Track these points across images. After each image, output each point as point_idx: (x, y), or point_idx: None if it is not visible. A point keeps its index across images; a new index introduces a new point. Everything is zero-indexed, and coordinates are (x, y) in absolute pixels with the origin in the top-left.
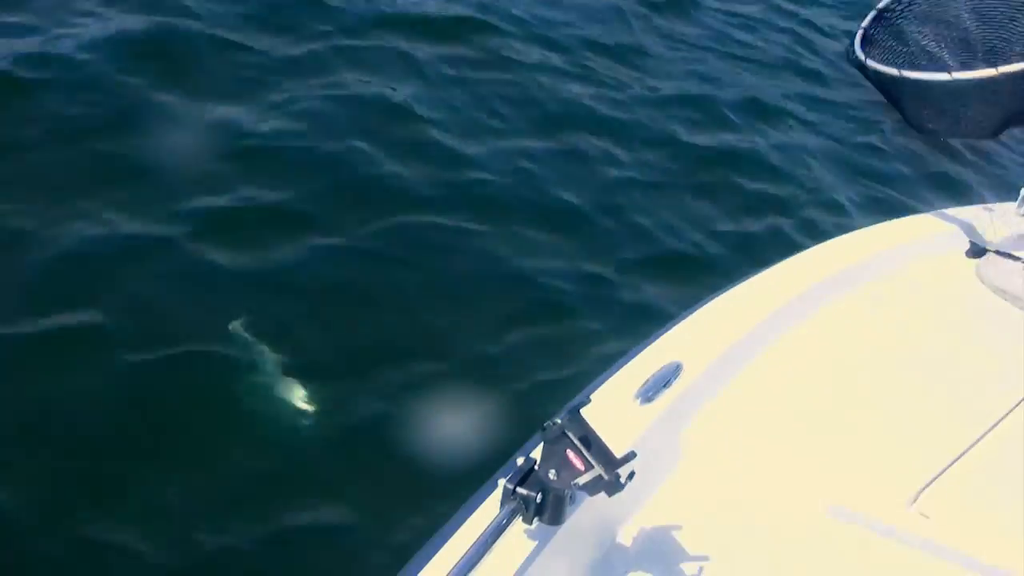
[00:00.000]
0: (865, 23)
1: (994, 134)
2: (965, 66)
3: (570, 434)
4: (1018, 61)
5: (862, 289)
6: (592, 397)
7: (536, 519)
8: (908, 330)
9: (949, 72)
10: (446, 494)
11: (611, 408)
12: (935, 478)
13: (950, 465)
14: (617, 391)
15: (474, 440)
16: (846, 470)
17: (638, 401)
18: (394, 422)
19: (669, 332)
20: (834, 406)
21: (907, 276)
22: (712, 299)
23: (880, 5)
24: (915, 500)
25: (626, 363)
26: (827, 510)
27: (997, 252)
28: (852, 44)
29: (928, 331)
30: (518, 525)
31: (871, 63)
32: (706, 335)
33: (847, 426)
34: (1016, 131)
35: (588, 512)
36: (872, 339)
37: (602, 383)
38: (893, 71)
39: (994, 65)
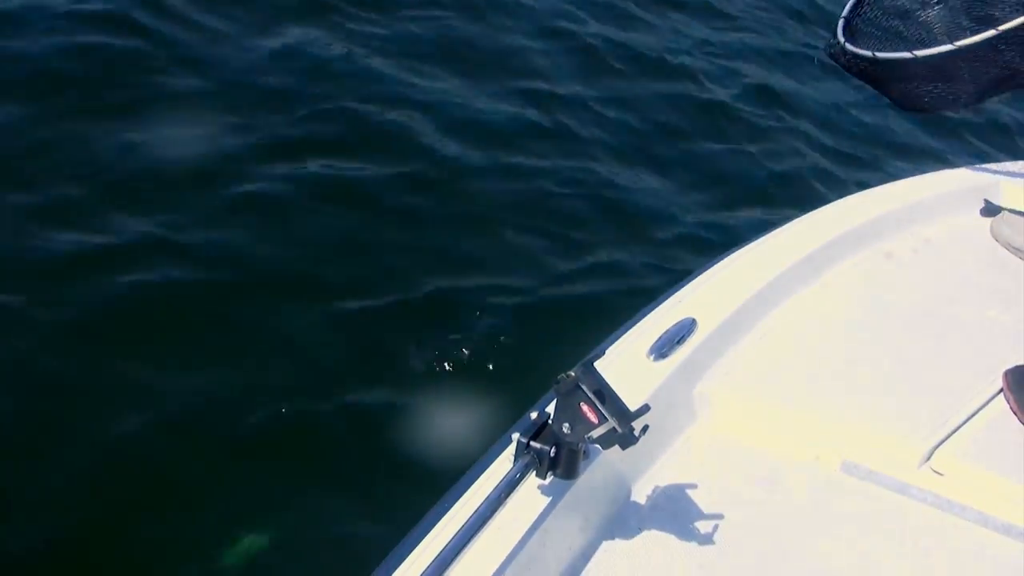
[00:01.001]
0: (845, 12)
1: (974, 104)
2: (949, 37)
3: (584, 387)
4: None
5: (876, 247)
6: (606, 352)
7: (550, 473)
8: (922, 288)
9: (912, 52)
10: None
11: (625, 363)
12: (949, 435)
13: (964, 423)
14: (631, 347)
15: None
16: (860, 427)
17: (652, 357)
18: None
19: (683, 289)
20: (847, 363)
21: (921, 234)
22: (726, 256)
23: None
24: (928, 457)
25: (640, 319)
26: (840, 467)
27: (1011, 210)
28: (834, 34)
29: (942, 288)
30: (532, 480)
31: (849, 47)
32: (720, 292)
33: (861, 383)
34: (996, 98)
35: (602, 467)
36: (886, 296)
37: (616, 339)
38: (867, 53)
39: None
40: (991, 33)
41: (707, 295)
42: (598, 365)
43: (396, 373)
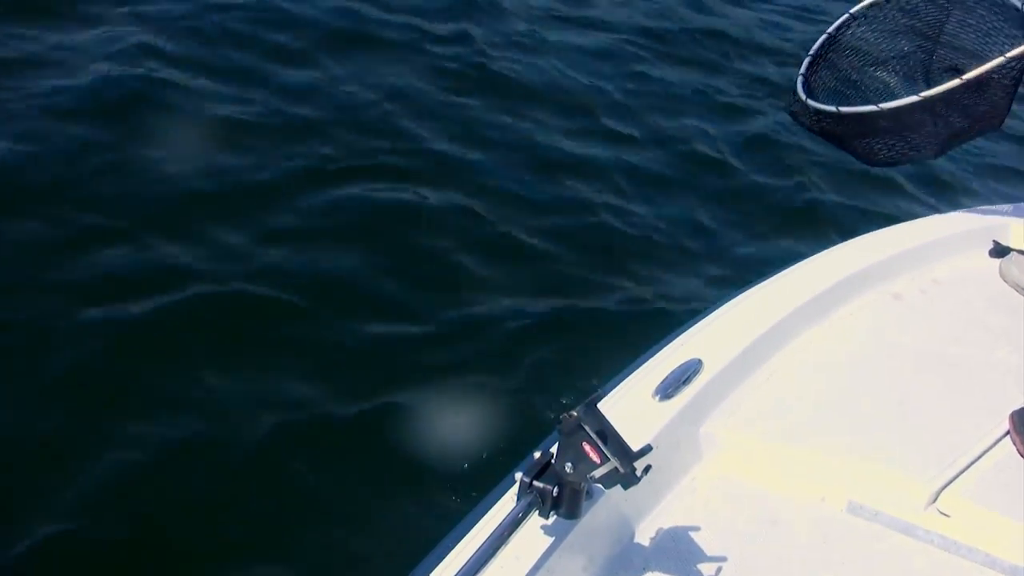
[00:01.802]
0: (803, 69)
1: (938, 155)
2: (909, 89)
3: (586, 427)
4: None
5: (883, 288)
6: (611, 393)
7: (553, 513)
8: (930, 328)
9: (877, 104)
10: None
11: (630, 404)
12: (955, 476)
13: (971, 464)
14: (636, 387)
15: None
16: (865, 468)
17: (657, 397)
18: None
19: (689, 330)
20: (854, 404)
21: (929, 275)
22: (733, 298)
23: (812, 50)
24: (935, 499)
25: (645, 360)
26: (846, 507)
27: (1020, 251)
28: (794, 93)
29: (950, 329)
30: (535, 519)
31: (812, 103)
32: (726, 332)
33: (867, 424)
34: (959, 147)
35: (606, 507)
36: (893, 337)
37: (621, 379)
38: (831, 108)
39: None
40: (956, 82)
41: (713, 336)
42: (604, 405)
43: (431, 393)
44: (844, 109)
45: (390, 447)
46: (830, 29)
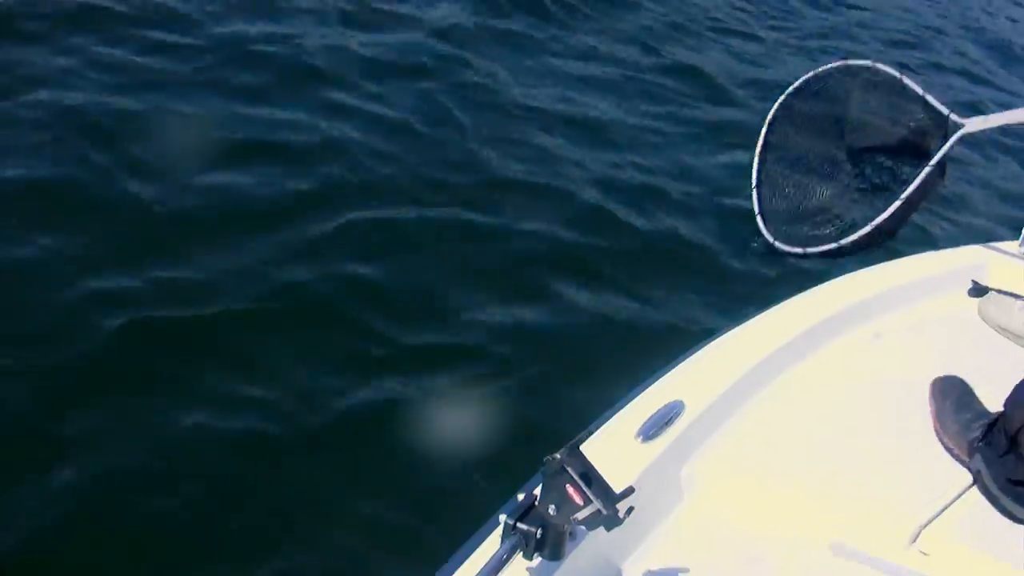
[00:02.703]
0: (757, 208)
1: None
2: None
3: (570, 469)
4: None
5: (864, 328)
6: (594, 434)
7: (537, 554)
8: (910, 369)
9: (838, 242)
10: None
11: (613, 445)
12: (936, 515)
13: (952, 502)
14: (619, 429)
15: None
16: (848, 507)
17: (640, 439)
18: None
19: (672, 371)
20: (835, 444)
21: (909, 316)
22: (714, 339)
23: (754, 183)
24: (916, 538)
25: (628, 402)
26: (829, 547)
27: (999, 291)
28: (759, 233)
29: (931, 369)
30: (519, 561)
31: (779, 246)
32: (708, 373)
33: (849, 464)
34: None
35: (589, 549)
36: (874, 377)
37: (604, 421)
38: (798, 251)
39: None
40: (899, 203)
41: (695, 376)
42: (587, 446)
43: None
44: (810, 250)
45: (383, 464)
46: (756, 151)
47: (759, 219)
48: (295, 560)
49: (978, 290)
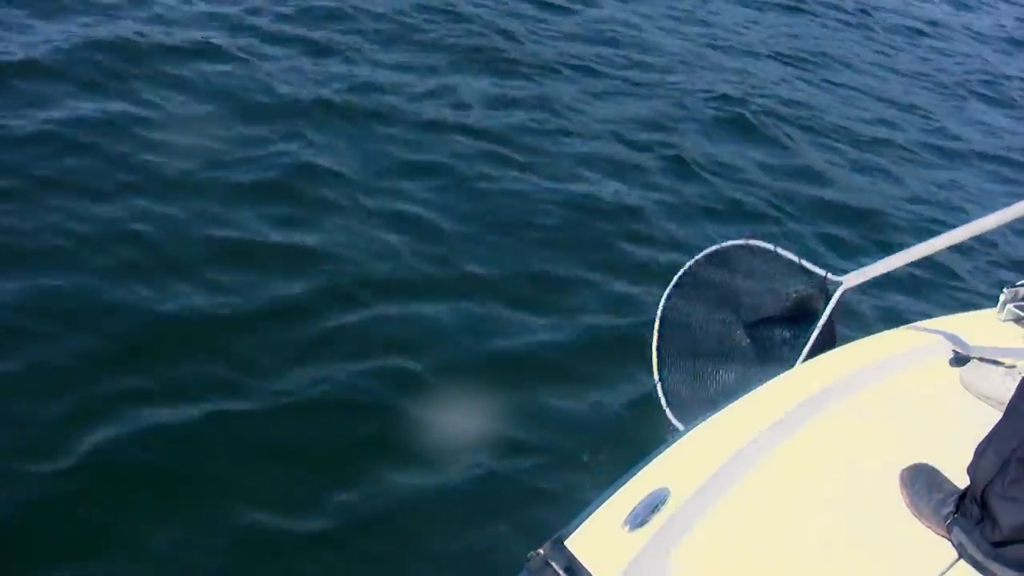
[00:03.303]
0: (662, 399)
1: None
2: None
3: (554, 564)
4: None
5: (847, 405)
6: (580, 525)
7: None
8: (895, 442)
9: None
10: None
11: (600, 536)
12: None
13: None
14: (605, 518)
15: None
16: None
17: (626, 528)
18: None
19: (656, 458)
20: (822, 525)
21: (891, 389)
22: (698, 424)
23: (656, 378)
24: None
25: (614, 492)
26: None
27: (980, 359)
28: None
29: (916, 443)
30: None
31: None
32: (693, 460)
33: (836, 545)
34: None
35: None
36: (859, 455)
37: (590, 512)
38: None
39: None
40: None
41: (680, 463)
42: (574, 539)
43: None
44: None
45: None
46: (653, 348)
47: (667, 412)
48: None
49: (959, 359)
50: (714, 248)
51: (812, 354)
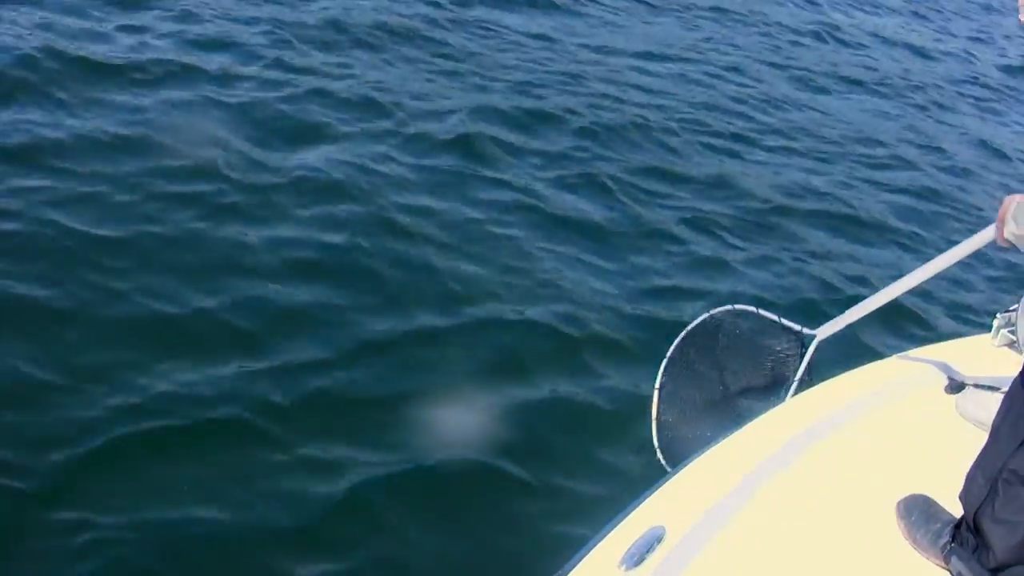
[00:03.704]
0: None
1: None
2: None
3: None
4: None
5: (842, 436)
6: (576, 565)
7: None
8: (891, 474)
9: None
10: None
11: (597, 574)
12: None
13: None
14: (601, 557)
15: None
16: None
17: (623, 567)
18: None
19: (651, 497)
20: (820, 558)
21: (886, 418)
22: (692, 461)
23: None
24: None
25: (610, 531)
26: None
27: (975, 385)
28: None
29: (912, 473)
30: None
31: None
32: (688, 497)
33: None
34: None
35: None
36: (855, 486)
37: (586, 551)
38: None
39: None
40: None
41: (675, 501)
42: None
43: None
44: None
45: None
46: (652, 420)
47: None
48: None
49: (955, 387)
50: (708, 314)
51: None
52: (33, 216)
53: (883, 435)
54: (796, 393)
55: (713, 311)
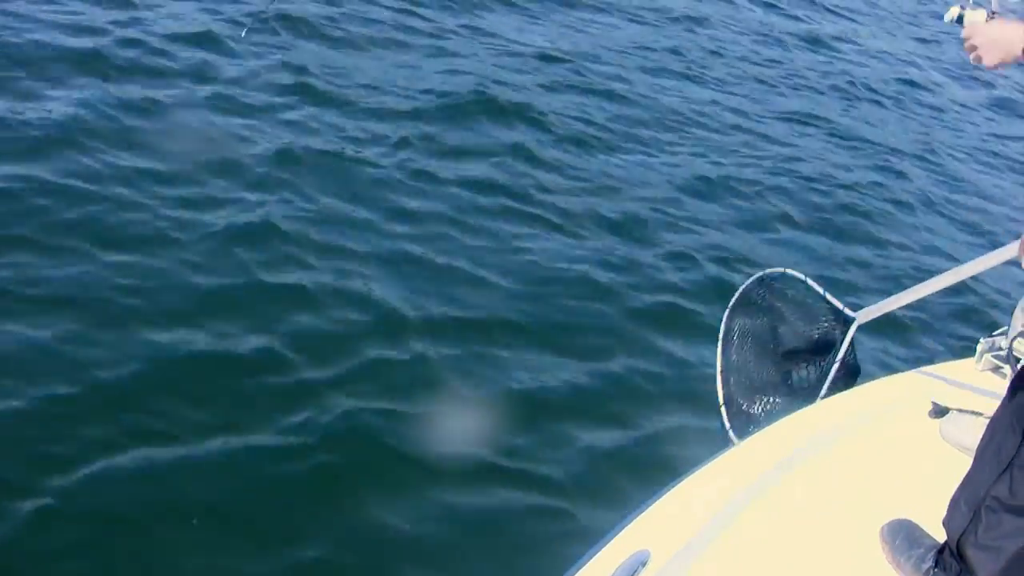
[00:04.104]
0: (726, 422)
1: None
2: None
3: None
4: None
5: (827, 459)
6: None
7: None
8: (875, 498)
9: None
10: None
11: None
12: None
13: None
14: None
15: None
16: None
17: None
18: None
19: (635, 520)
20: None
21: (870, 443)
22: (676, 484)
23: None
24: None
25: (594, 553)
26: None
27: (959, 410)
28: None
29: (895, 497)
30: None
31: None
32: (672, 520)
33: None
34: None
35: None
36: (839, 510)
37: (571, 574)
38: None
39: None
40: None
41: (659, 524)
42: None
43: None
44: None
45: None
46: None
47: (730, 433)
48: None
49: (938, 411)
50: (761, 274)
51: (834, 383)
52: None
53: (867, 459)
54: (836, 375)
55: (766, 271)
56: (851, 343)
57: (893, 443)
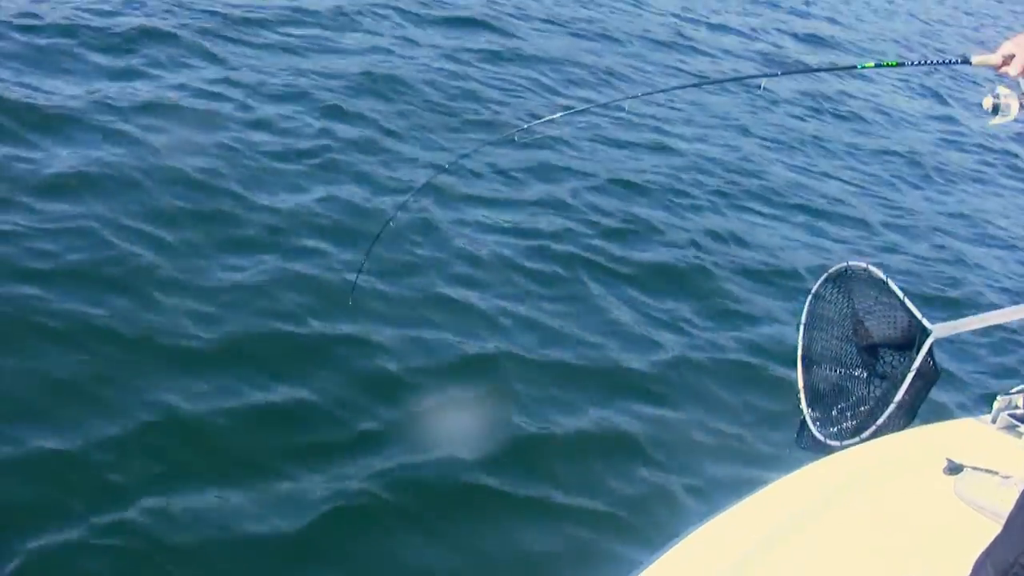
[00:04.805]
0: (808, 415)
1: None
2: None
3: None
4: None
5: (839, 515)
6: None
7: None
8: (888, 556)
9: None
10: None
11: None
12: None
13: None
14: None
15: None
16: None
17: None
18: None
19: (647, 569)
20: None
21: (884, 499)
22: (688, 534)
23: (802, 401)
24: None
25: None
26: None
27: (974, 468)
28: (799, 432)
29: (909, 553)
30: None
31: (829, 442)
32: (684, 571)
33: None
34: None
35: None
36: (852, 565)
37: None
38: (835, 443)
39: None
40: (892, 407)
41: (671, 572)
42: None
43: None
44: (846, 442)
45: None
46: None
47: (812, 425)
48: None
49: (953, 468)
50: (842, 265)
51: (905, 396)
52: None
53: (880, 516)
54: (907, 390)
55: (849, 263)
56: (929, 353)
57: (907, 500)
